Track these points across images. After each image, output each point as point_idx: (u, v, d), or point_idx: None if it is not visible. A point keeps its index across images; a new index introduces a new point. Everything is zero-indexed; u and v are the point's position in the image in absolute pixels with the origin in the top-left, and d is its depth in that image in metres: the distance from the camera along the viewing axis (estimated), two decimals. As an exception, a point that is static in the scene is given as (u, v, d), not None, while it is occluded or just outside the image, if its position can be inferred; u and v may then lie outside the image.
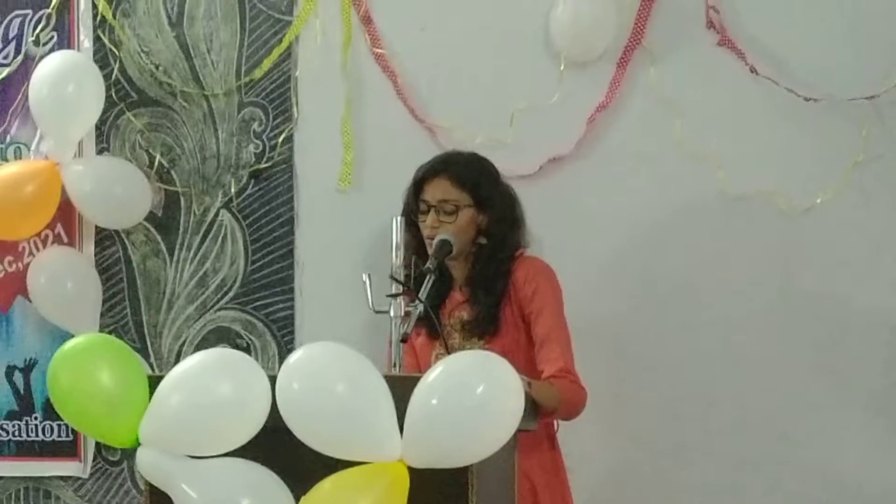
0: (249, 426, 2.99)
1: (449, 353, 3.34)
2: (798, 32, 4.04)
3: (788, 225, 4.03)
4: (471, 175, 3.68)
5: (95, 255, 4.37)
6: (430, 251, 3.60)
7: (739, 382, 4.05)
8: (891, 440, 3.99)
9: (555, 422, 3.64)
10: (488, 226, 3.67)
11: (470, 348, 3.57)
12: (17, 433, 4.39)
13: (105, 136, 4.37)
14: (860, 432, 4.00)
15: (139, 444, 3.05)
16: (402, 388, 2.94)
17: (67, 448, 4.36)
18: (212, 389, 2.98)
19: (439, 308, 3.68)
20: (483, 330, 3.63)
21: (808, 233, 4.02)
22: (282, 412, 2.96)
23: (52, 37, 4.40)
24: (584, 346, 3.62)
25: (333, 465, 2.94)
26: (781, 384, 4.03)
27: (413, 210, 3.67)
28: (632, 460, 4.09)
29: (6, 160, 4.37)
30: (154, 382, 3.08)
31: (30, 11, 4.40)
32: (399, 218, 3.47)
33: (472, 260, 3.69)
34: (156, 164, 4.35)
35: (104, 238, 4.38)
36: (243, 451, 3.02)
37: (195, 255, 4.34)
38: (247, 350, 4.26)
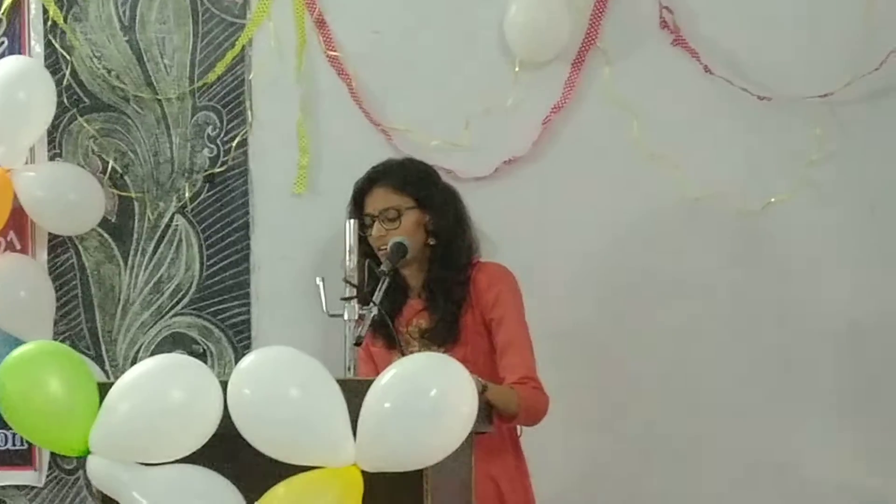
0: (201, 432, 2.96)
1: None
2: (752, 32, 4.06)
3: (745, 224, 4.03)
4: (408, 177, 3.67)
5: (48, 262, 4.33)
6: (382, 260, 3.56)
7: (700, 383, 4.05)
8: (847, 438, 4.00)
9: (518, 427, 3.62)
10: (435, 224, 3.65)
11: (430, 356, 3.54)
12: (-30, 443, 4.35)
13: (57, 141, 4.33)
14: (817, 431, 4.01)
15: (90, 453, 3.02)
16: (355, 392, 2.92)
17: (22, 457, 4.31)
18: (162, 396, 2.94)
19: (396, 317, 3.65)
20: (443, 338, 3.60)
21: (765, 232, 4.03)
22: (233, 418, 2.93)
23: (3, 42, 4.35)
24: (542, 350, 3.60)
25: (286, 471, 2.92)
26: (741, 383, 4.03)
27: (359, 225, 3.63)
28: (595, 464, 4.07)
29: (-44, 167, 4.33)
30: (105, 389, 3.04)
31: (-21, 17, 4.36)
32: (352, 221, 3.45)
33: (426, 265, 3.67)
34: (109, 169, 4.31)
35: (57, 245, 4.34)
36: (195, 458, 2.99)
37: (150, 260, 4.30)
38: (203, 356, 4.22)
